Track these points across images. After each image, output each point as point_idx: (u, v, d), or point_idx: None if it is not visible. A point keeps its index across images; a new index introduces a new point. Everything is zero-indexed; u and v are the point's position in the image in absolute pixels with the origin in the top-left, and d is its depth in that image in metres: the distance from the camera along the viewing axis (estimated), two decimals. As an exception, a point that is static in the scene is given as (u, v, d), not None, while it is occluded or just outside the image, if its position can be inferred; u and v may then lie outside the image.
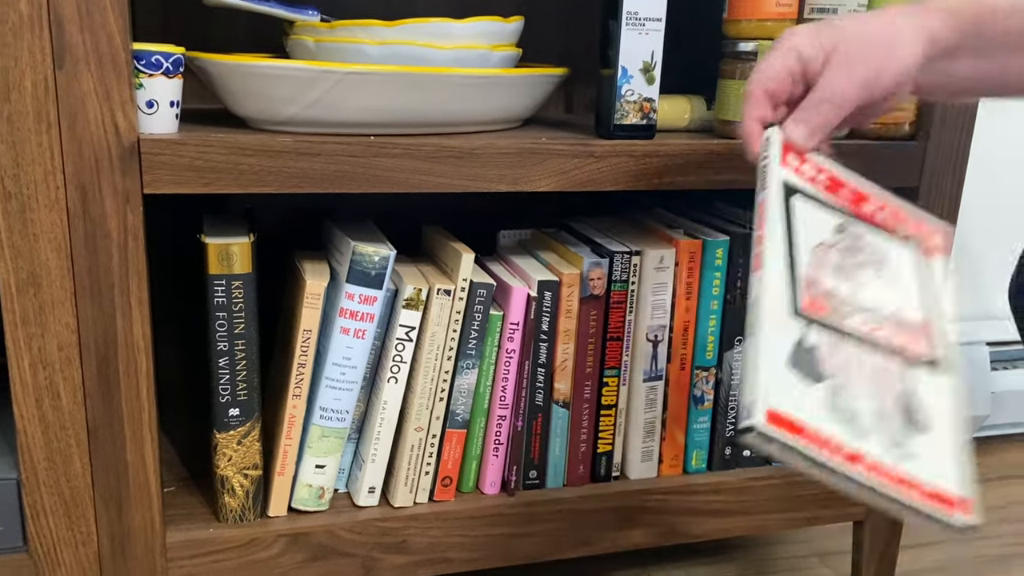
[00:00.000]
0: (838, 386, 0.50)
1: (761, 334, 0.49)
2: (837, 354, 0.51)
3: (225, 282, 0.68)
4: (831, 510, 0.89)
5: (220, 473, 0.72)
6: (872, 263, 0.57)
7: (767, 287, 0.51)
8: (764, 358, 0.48)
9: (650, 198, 0.95)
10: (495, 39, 0.74)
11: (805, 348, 0.50)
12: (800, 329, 0.51)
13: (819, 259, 0.55)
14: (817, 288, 0.53)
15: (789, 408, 0.47)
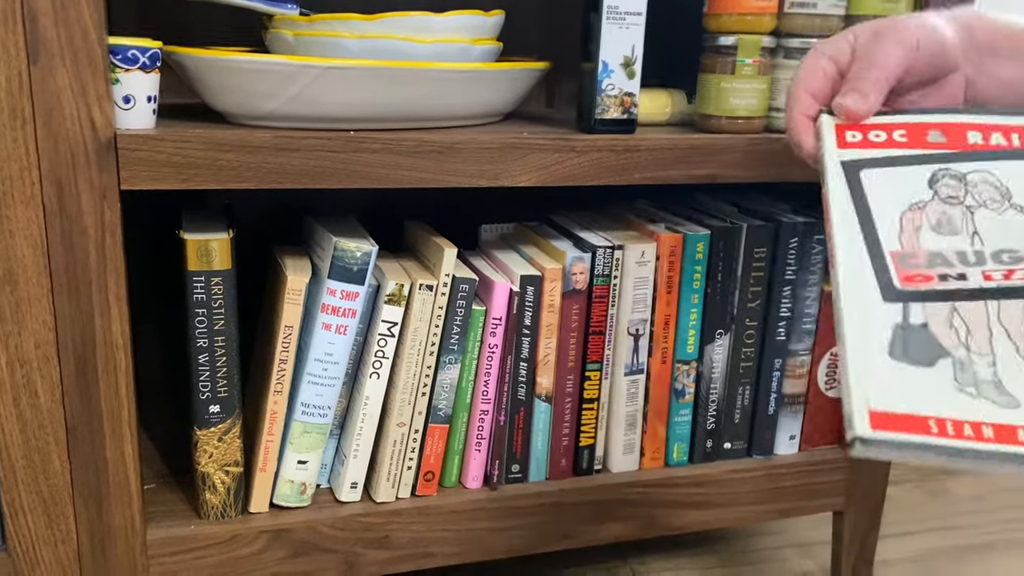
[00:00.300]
0: (963, 359, 0.45)
1: (847, 332, 0.45)
2: (957, 322, 0.46)
3: (204, 278, 0.68)
4: (811, 501, 0.90)
5: (201, 470, 0.72)
6: (992, 198, 0.50)
7: (844, 280, 0.47)
8: (855, 357, 0.44)
9: (633, 190, 0.95)
10: (476, 33, 0.73)
11: (910, 330, 0.45)
12: (899, 311, 0.46)
13: (912, 223, 0.49)
14: (915, 257, 0.48)
15: (900, 404, 0.42)
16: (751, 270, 0.82)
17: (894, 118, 0.53)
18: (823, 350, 0.87)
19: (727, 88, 0.76)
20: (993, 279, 0.47)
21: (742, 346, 0.84)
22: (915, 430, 0.42)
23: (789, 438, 0.89)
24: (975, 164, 0.51)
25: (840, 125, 0.53)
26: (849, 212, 0.49)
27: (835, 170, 0.51)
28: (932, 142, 0.52)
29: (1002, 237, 0.49)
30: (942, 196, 0.50)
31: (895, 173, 0.51)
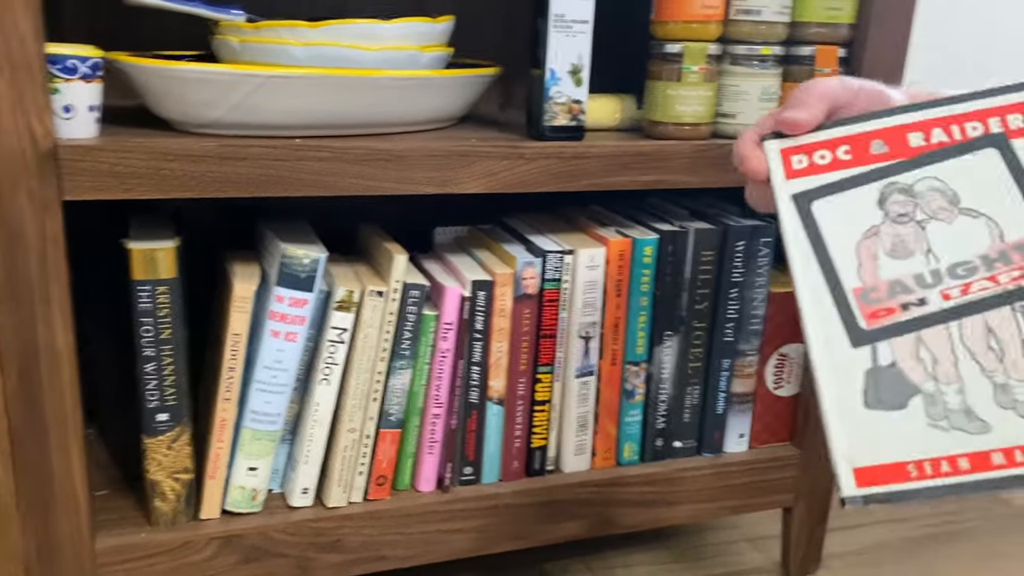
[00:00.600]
0: (933, 392, 0.46)
1: (822, 387, 0.46)
2: (923, 354, 0.47)
3: (150, 288, 0.68)
4: (761, 498, 0.92)
5: (151, 478, 0.72)
6: (941, 207, 0.50)
7: (812, 330, 0.47)
8: (832, 416, 0.45)
9: (588, 192, 0.96)
10: (424, 40, 0.74)
11: (880, 372, 0.46)
12: (868, 355, 0.47)
13: (869, 252, 0.49)
14: (877, 291, 0.48)
15: (879, 456, 0.44)
16: (699, 273, 0.83)
17: (836, 131, 0.53)
18: (771, 350, 0.89)
19: (674, 95, 0.77)
20: (951, 297, 0.48)
21: (691, 347, 0.85)
22: (897, 479, 0.43)
23: (738, 436, 0.90)
24: (921, 172, 0.51)
25: (786, 150, 0.53)
26: (807, 254, 0.49)
27: (788, 207, 0.51)
28: (876, 154, 0.52)
29: (955, 249, 0.49)
30: (893, 216, 0.50)
31: (845, 199, 0.51)
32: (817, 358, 0.47)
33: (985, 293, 0.48)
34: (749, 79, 0.78)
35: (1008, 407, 0.45)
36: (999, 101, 0.52)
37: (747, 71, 0.78)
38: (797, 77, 0.80)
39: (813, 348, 0.47)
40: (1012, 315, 0.47)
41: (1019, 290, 0.48)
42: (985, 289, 0.48)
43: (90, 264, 0.88)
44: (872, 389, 0.46)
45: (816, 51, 0.79)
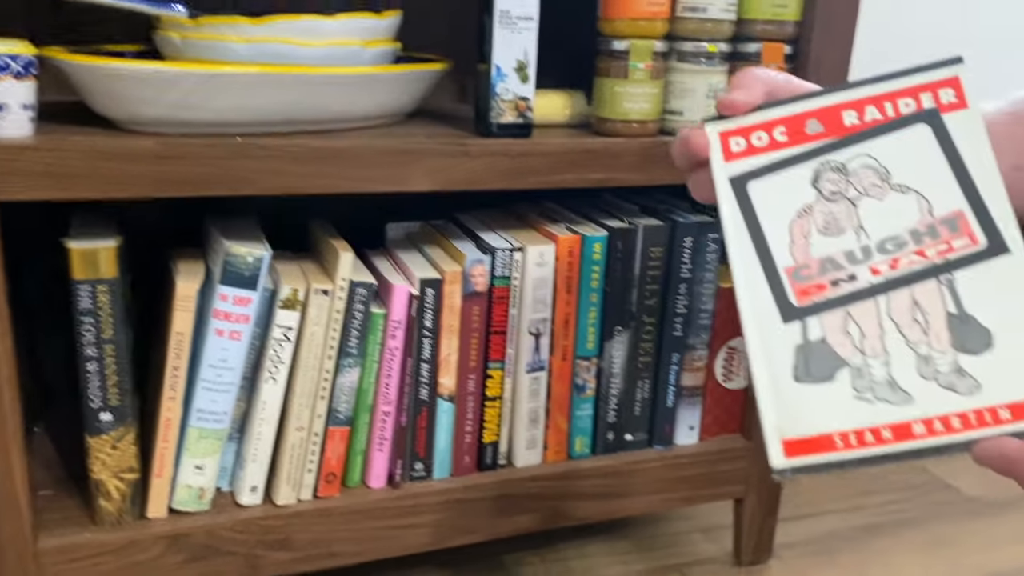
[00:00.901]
0: (860, 365, 0.47)
1: (753, 363, 0.47)
2: (851, 328, 0.48)
3: (90, 287, 0.67)
4: (712, 489, 0.93)
5: (95, 477, 0.72)
6: (873, 184, 0.51)
7: (746, 308, 0.49)
8: (763, 389, 0.47)
9: (541, 189, 0.96)
10: (368, 35, 0.73)
11: (810, 347, 0.48)
12: (798, 330, 0.48)
13: (801, 231, 0.51)
14: (808, 268, 0.50)
15: (807, 428, 0.46)
16: (648, 269, 0.84)
17: (772, 112, 0.53)
18: (720, 343, 0.90)
19: (621, 92, 0.77)
20: (880, 272, 0.49)
21: (641, 342, 0.86)
22: (823, 449, 0.45)
23: (689, 428, 0.91)
24: (854, 149, 0.52)
25: (724, 133, 0.53)
26: (742, 234, 0.51)
27: (725, 190, 0.52)
28: (811, 133, 0.53)
29: (885, 224, 0.50)
30: (826, 194, 0.51)
31: (780, 179, 0.52)
32: (750, 334, 0.48)
33: (913, 267, 0.49)
34: (696, 76, 0.79)
35: (930, 378, 0.47)
36: (931, 77, 0.53)
37: (694, 68, 0.79)
38: (744, 74, 0.80)
39: (747, 324, 0.49)
40: (938, 288, 0.48)
41: (945, 263, 0.49)
42: (913, 263, 0.49)
43: (36, 262, 0.87)
44: (802, 363, 0.47)
45: (762, 48, 0.80)
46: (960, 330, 0.48)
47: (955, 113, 0.52)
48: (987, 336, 0.47)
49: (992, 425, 0.45)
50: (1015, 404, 0.45)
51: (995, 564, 1.01)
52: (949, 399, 0.46)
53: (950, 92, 0.52)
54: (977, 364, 0.47)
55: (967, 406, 0.46)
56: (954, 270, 0.49)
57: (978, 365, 0.47)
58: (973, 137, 0.51)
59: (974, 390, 0.46)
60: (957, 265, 0.49)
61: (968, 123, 0.51)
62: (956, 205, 0.50)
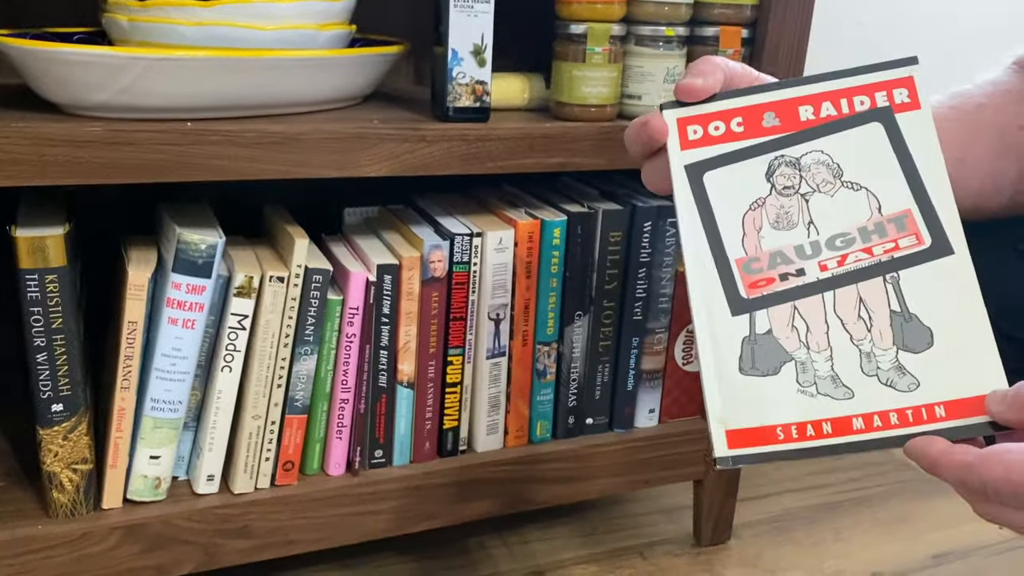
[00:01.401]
0: (804, 360, 0.48)
1: (701, 354, 0.48)
2: (798, 322, 0.49)
3: (38, 276, 0.66)
4: (671, 471, 0.94)
5: (47, 469, 0.70)
6: (825, 180, 0.52)
7: (696, 299, 0.49)
8: (708, 380, 0.47)
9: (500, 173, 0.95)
10: (322, 18, 0.72)
11: (756, 340, 0.48)
12: (746, 323, 0.49)
13: (754, 224, 0.51)
14: (759, 261, 0.50)
15: (750, 419, 0.46)
16: (608, 253, 0.84)
17: (730, 102, 0.53)
18: (679, 328, 0.90)
19: (579, 76, 0.77)
20: (828, 268, 0.50)
21: (601, 326, 0.86)
22: (765, 441, 0.46)
23: (648, 412, 0.92)
24: (809, 145, 0.52)
25: (682, 120, 0.53)
26: (695, 224, 0.51)
27: (681, 177, 0.52)
28: (768, 126, 0.53)
29: (836, 221, 0.51)
30: (779, 188, 0.52)
31: (736, 171, 0.52)
32: (699, 324, 0.49)
33: (860, 264, 0.50)
34: (654, 60, 0.79)
35: (871, 374, 0.48)
36: (886, 76, 0.54)
37: (652, 52, 0.79)
38: (702, 58, 0.80)
39: (696, 314, 0.49)
40: (883, 286, 0.49)
41: (891, 261, 0.50)
42: (860, 261, 0.50)
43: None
44: (748, 356, 0.48)
45: (720, 32, 0.80)
46: (902, 328, 0.49)
47: (908, 113, 0.52)
48: (928, 335, 0.48)
49: (928, 422, 0.47)
50: (950, 402, 0.47)
51: (950, 542, 1.03)
52: (889, 396, 0.47)
53: (904, 92, 0.53)
54: (917, 362, 0.48)
55: (905, 403, 0.47)
56: (899, 269, 0.50)
57: (918, 363, 0.48)
58: (924, 138, 0.52)
59: (913, 387, 0.47)
60: (902, 264, 0.50)
61: (920, 124, 0.52)
62: (904, 204, 0.51)
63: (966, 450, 0.44)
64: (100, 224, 0.81)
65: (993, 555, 1.01)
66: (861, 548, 1.01)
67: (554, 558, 0.96)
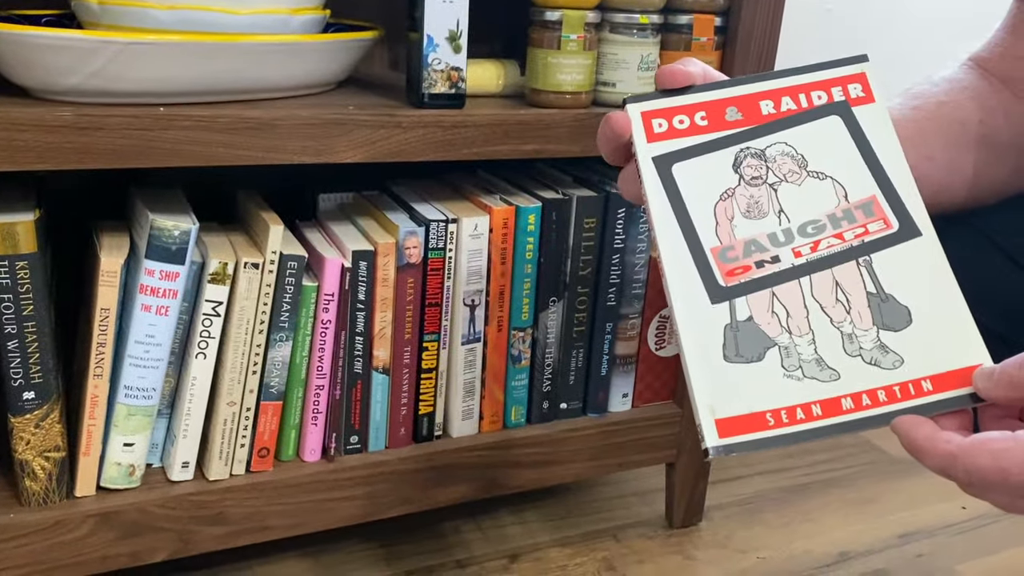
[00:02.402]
0: (787, 344, 0.48)
1: (683, 343, 0.48)
2: (777, 308, 0.49)
3: (8, 263, 0.65)
4: (644, 455, 0.95)
5: (19, 457, 0.70)
6: (791, 170, 0.53)
7: (673, 288, 0.49)
8: (694, 370, 0.47)
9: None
10: (296, 3, 0.71)
11: (738, 327, 0.49)
12: (726, 310, 0.49)
13: (725, 213, 0.52)
14: (733, 250, 0.51)
15: (739, 407, 0.46)
16: (582, 240, 0.85)
17: (693, 97, 0.54)
18: (652, 313, 0.91)
19: (554, 63, 0.77)
20: (802, 255, 0.51)
21: (575, 312, 0.87)
22: (756, 428, 0.46)
23: (622, 396, 0.93)
24: (772, 137, 0.54)
25: (646, 113, 0.54)
26: (668, 214, 0.51)
27: (649, 168, 0.53)
28: (730, 120, 0.54)
29: (805, 209, 0.52)
30: (747, 178, 0.53)
31: (703, 163, 0.53)
32: (679, 314, 0.49)
33: (833, 249, 0.51)
34: (628, 48, 0.79)
35: (855, 355, 0.49)
36: (840, 72, 0.55)
37: (626, 39, 0.79)
38: (675, 46, 0.81)
39: (675, 304, 0.49)
40: (857, 269, 0.51)
41: (863, 245, 0.51)
42: (832, 246, 0.51)
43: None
44: (731, 343, 0.48)
45: (693, 20, 0.80)
46: (880, 308, 0.49)
47: (864, 107, 0.54)
48: (906, 313, 0.49)
49: (916, 397, 0.47)
50: (936, 376, 0.47)
51: (916, 521, 1.06)
52: (874, 374, 0.48)
53: (858, 87, 0.55)
54: (899, 340, 0.49)
55: (892, 380, 0.48)
56: (871, 252, 0.51)
57: (900, 341, 0.49)
58: (881, 128, 0.54)
59: (897, 364, 0.48)
60: (874, 247, 0.51)
61: (876, 115, 0.54)
62: (869, 191, 0.52)
63: (949, 438, 0.44)
64: (71, 210, 0.80)
65: (958, 533, 1.04)
66: (830, 528, 1.04)
67: (528, 541, 0.97)
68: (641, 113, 0.54)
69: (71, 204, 0.81)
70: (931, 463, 0.45)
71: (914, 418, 0.46)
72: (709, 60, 0.82)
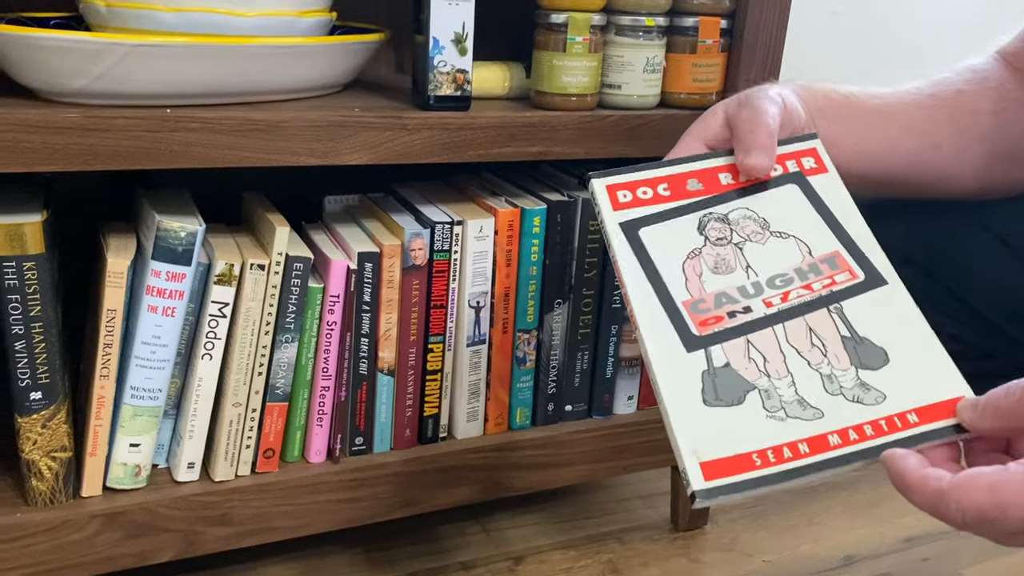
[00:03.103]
0: (767, 387, 0.49)
1: (662, 390, 0.48)
2: (753, 354, 0.50)
3: (16, 264, 0.65)
4: (649, 457, 0.95)
5: (26, 457, 0.70)
6: (754, 231, 0.56)
7: (648, 339, 0.50)
8: (675, 415, 0.47)
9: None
10: (303, 5, 0.72)
11: (716, 372, 0.49)
12: (702, 358, 0.50)
13: (694, 270, 0.54)
14: (705, 302, 0.52)
15: (723, 449, 0.46)
16: (587, 242, 0.85)
17: (654, 172, 0.58)
18: (658, 316, 0.91)
19: (559, 66, 0.77)
20: (773, 304, 0.52)
21: (580, 314, 0.87)
22: (743, 469, 0.46)
23: (627, 399, 0.93)
24: (733, 204, 0.57)
25: (611, 186, 0.58)
26: (638, 272, 0.53)
27: (616, 232, 0.55)
28: (692, 190, 0.57)
29: (771, 264, 0.54)
30: (712, 239, 0.55)
31: (669, 227, 0.56)
32: (655, 365, 0.50)
33: (803, 299, 0.53)
34: (634, 50, 0.79)
35: (836, 393, 0.49)
36: (793, 148, 0.60)
37: (632, 42, 0.79)
38: (681, 48, 0.81)
39: (651, 356, 0.50)
40: (828, 315, 0.52)
41: (831, 294, 0.53)
42: (802, 296, 0.53)
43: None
44: (710, 388, 0.49)
45: (699, 22, 0.80)
46: (857, 350, 0.50)
47: (818, 176, 0.58)
48: (883, 353, 0.50)
49: (903, 429, 0.47)
50: (920, 408, 0.48)
51: (922, 525, 1.05)
52: (858, 410, 0.48)
53: (811, 160, 0.59)
54: (878, 377, 0.49)
55: (877, 414, 0.48)
56: (841, 300, 0.52)
57: (880, 378, 0.49)
58: (836, 193, 0.57)
59: (880, 400, 0.48)
60: (843, 296, 0.52)
61: (830, 183, 0.58)
62: (832, 247, 0.55)
63: (940, 476, 0.43)
64: (78, 211, 0.80)
65: (964, 537, 1.04)
66: (835, 532, 1.03)
67: (533, 544, 0.97)
68: (606, 187, 0.58)
69: (78, 205, 0.82)
70: (920, 502, 0.44)
71: (903, 451, 0.45)
72: (715, 63, 0.82)
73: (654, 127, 0.81)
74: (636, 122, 0.80)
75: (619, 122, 0.80)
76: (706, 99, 0.83)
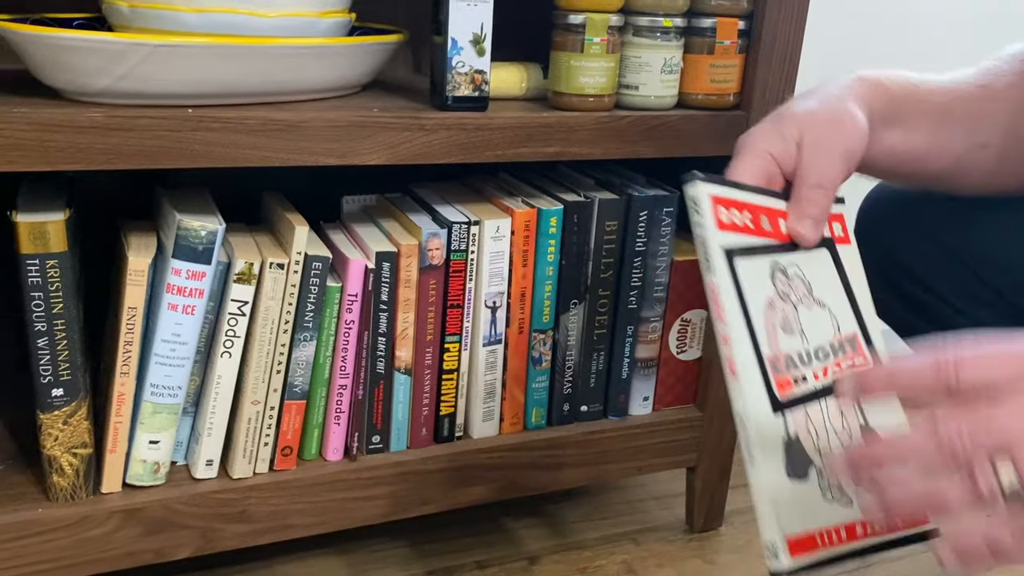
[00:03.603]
0: (820, 467, 0.48)
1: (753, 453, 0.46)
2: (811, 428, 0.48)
3: (39, 262, 0.66)
4: (665, 458, 0.95)
5: (47, 453, 0.71)
6: (804, 294, 0.53)
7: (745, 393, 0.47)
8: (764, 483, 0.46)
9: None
10: (323, 6, 0.72)
11: (791, 443, 0.48)
12: (781, 424, 0.48)
13: (770, 324, 0.50)
14: (779, 362, 0.49)
15: (799, 525, 0.45)
16: (603, 242, 0.85)
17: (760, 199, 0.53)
18: (673, 317, 0.91)
19: (576, 66, 0.77)
20: (819, 377, 0.51)
21: (596, 315, 0.87)
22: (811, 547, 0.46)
23: (643, 399, 0.93)
24: (790, 257, 0.53)
25: (717, 198, 0.52)
26: (736, 312, 0.49)
27: (719, 257, 0.50)
28: (766, 229, 0.53)
29: (816, 333, 0.52)
30: (779, 292, 0.52)
31: (756, 265, 0.52)
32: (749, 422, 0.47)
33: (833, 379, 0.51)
34: (651, 51, 0.79)
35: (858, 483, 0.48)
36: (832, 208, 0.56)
37: (649, 43, 0.79)
38: (699, 49, 0.81)
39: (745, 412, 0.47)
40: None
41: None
42: (834, 374, 0.51)
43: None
44: (790, 461, 0.48)
45: (717, 23, 0.80)
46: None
47: (844, 246, 0.56)
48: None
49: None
50: None
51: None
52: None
53: (839, 226, 0.56)
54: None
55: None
56: None
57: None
58: (856, 268, 0.55)
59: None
60: None
61: (853, 256, 0.56)
62: (852, 328, 0.54)
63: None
64: (100, 210, 0.81)
65: (979, 542, 1.03)
66: (850, 535, 1.03)
67: (548, 543, 0.97)
68: (711, 196, 0.51)
69: (100, 204, 0.82)
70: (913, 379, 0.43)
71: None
72: (732, 64, 0.82)
73: (671, 128, 0.81)
74: (653, 123, 0.81)
75: (636, 123, 0.80)
76: (723, 100, 0.83)
